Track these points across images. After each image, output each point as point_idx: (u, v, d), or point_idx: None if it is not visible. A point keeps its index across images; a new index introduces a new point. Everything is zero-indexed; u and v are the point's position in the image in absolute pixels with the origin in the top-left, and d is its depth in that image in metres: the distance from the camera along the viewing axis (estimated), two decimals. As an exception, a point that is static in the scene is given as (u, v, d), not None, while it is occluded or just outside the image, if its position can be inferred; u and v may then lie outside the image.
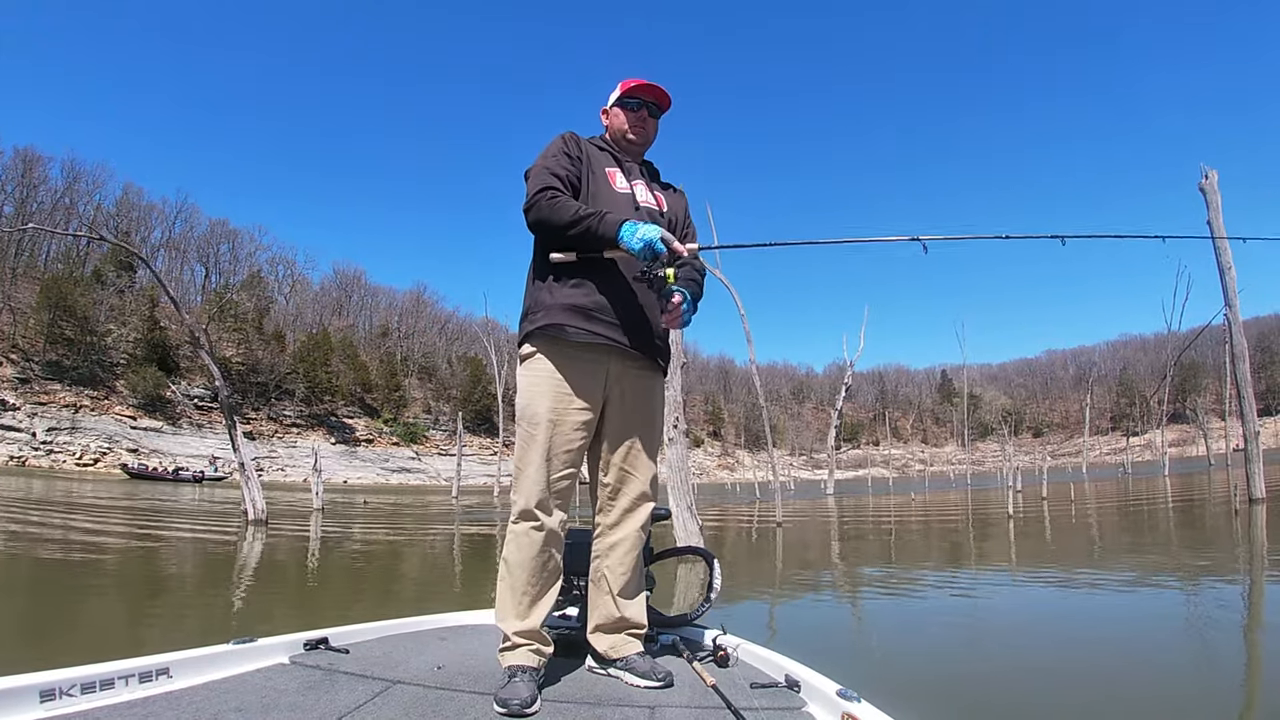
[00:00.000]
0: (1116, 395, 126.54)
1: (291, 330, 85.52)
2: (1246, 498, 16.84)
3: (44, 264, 70.54)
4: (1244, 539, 11.30)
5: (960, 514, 20.66)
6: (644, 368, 2.57)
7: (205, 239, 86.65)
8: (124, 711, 1.82)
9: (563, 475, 2.40)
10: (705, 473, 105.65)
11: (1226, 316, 18.97)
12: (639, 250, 2.24)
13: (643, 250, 2.24)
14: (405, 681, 2.20)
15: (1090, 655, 4.75)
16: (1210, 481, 31.19)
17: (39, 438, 57.05)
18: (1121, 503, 22.54)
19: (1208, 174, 19.03)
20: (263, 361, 76.34)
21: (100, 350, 65.81)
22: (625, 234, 2.26)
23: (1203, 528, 13.30)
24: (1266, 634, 5.42)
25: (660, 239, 2.25)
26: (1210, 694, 4.01)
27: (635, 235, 2.25)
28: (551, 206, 2.37)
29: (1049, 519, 17.05)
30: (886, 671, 4.57)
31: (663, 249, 2.25)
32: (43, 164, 70.96)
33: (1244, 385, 18.45)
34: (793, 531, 16.00)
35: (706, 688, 2.16)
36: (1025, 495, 26.72)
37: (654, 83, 2.65)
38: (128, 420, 64.00)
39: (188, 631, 5.85)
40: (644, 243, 2.23)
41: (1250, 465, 17.95)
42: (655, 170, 2.84)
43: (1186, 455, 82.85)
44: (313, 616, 6.68)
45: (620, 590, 2.50)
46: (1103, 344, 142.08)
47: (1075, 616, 6.34)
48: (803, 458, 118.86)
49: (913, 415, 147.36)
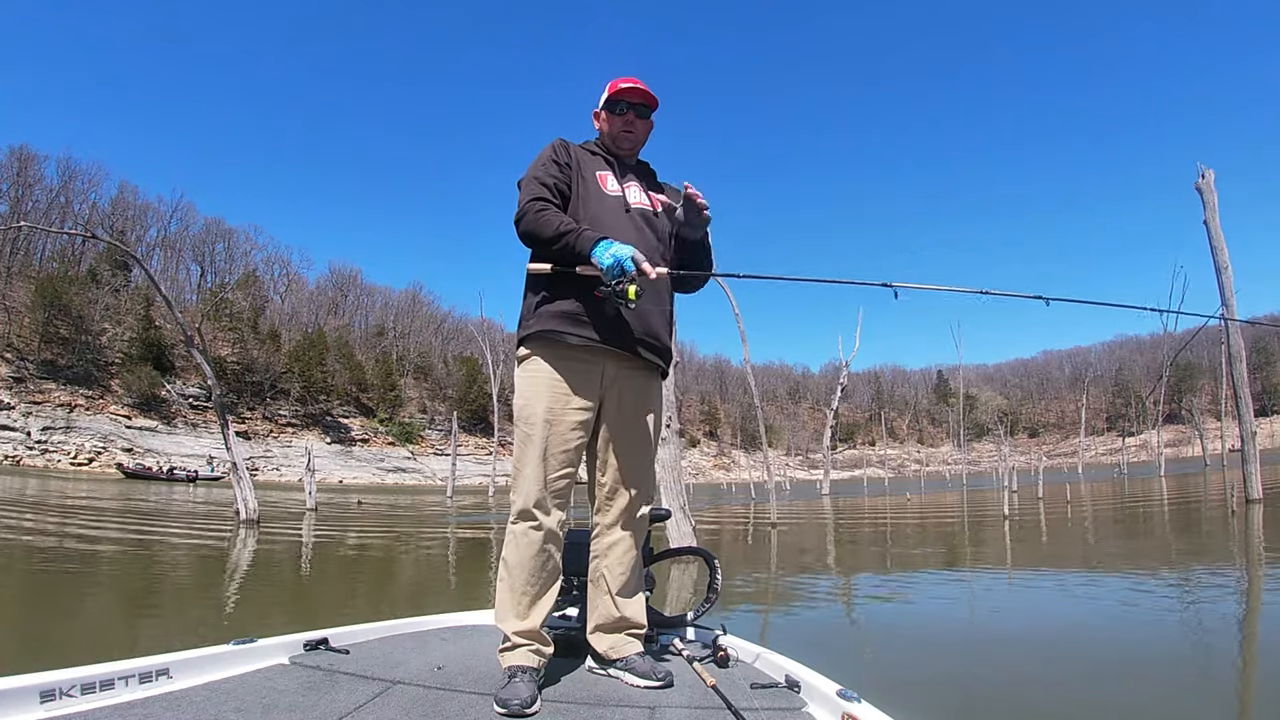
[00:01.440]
0: (1112, 396, 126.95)
1: (287, 329, 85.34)
2: (1244, 498, 16.82)
3: (39, 263, 70.37)
4: (1241, 539, 11.30)
5: (956, 515, 20.68)
6: (640, 369, 2.58)
7: (201, 238, 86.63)
8: (124, 712, 1.81)
9: (560, 475, 2.41)
10: (701, 473, 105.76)
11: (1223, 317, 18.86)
12: (608, 267, 2.24)
13: (611, 268, 2.24)
14: (405, 682, 2.19)
15: (1088, 655, 4.75)
16: (1206, 482, 31.25)
17: (34, 437, 56.91)
18: (1118, 504, 22.57)
19: (1204, 173, 19.01)
20: (258, 361, 76.23)
21: (95, 349, 65.70)
22: (598, 251, 2.28)
23: (1200, 528, 13.31)
24: (1264, 635, 5.44)
25: (630, 258, 2.25)
26: (1208, 692, 4.02)
27: (607, 253, 2.26)
28: (537, 220, 2.40)
29: (1045, 520, 17.05)
30: (884, 672, 4.57)
31: (632, 268, 2.25)
32: (38, 162, 71.06)
33: (1241, 385, 18.46)
34: (788, 533, 15.99)
35: (706, 688, 2.16)
36: (1021, 496, 26.71)
37: (639, 83, 2.65)
38: (123, 420, 63.87)
39: (164, 634, 5.82)
40: (615, 260, 2.24)
41: (1247, 466, 17.94)
42: (651, 171, 2.84)
43: (1182, 456, 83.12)
44: (301, 619, 6.63)
45: (619, 590, 2.51)
46: (1098, 345, 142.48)
47: (1072, 617, 6.34)
48: (799, 458, 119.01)
49: (909, 415, 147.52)
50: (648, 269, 2.29)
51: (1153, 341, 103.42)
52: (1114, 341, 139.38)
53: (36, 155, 70.65)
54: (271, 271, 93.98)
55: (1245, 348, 19.25)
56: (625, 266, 2.24)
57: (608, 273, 2.25)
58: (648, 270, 2.30)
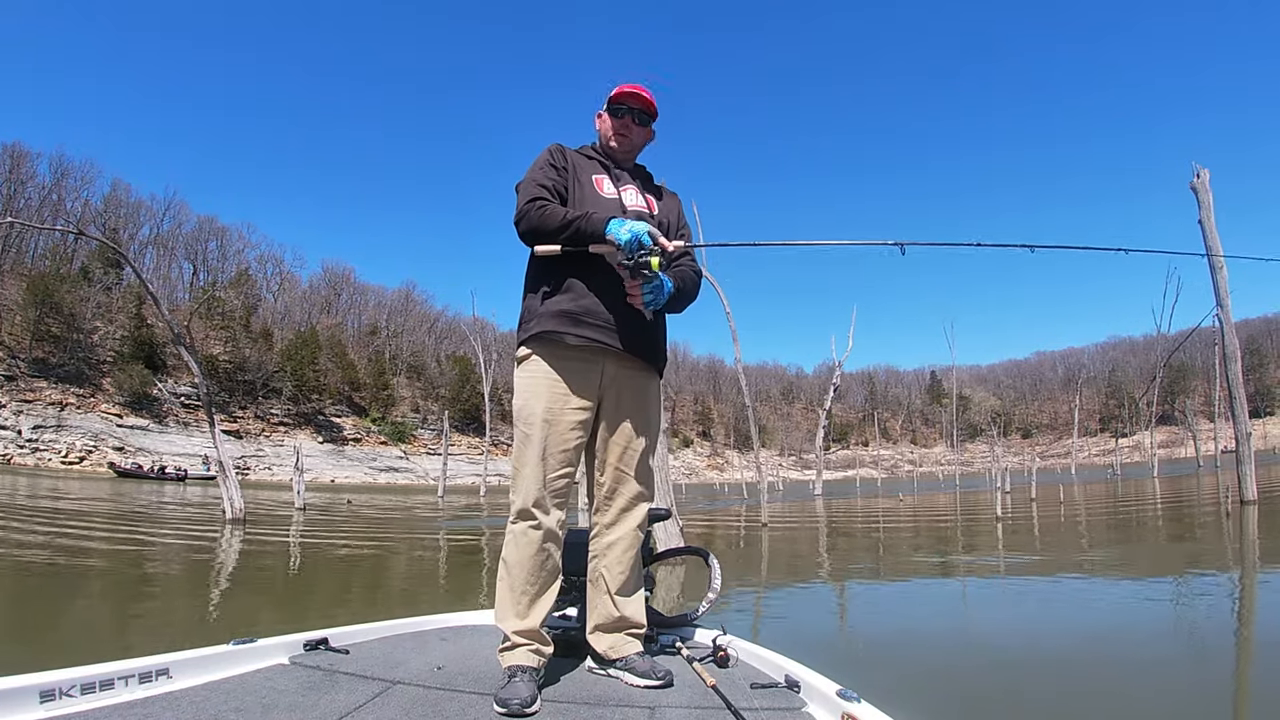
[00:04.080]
0: (1105, 397, 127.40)
1: (279, 328, 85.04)
2: (1238, 499, 16.74)
3: (31, 261, 69.91)
4: (1235, 542, 11.30)
5: (949, 517, 20.69)
6: (638, 369, 2.60)
7: (193, 236, 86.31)
8: (124, 712, 1.81)
9: (560, 475, 2.42)
10: (695, 473, 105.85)
11: (1218, 317, 18.82)
12: (626, 242, 2.30)
13: (630, 242, 2.30)
14: (405, 682, 2.19)
15: (1086, 656, 4.77)
16: (1199, 483, 31.26)
17: (24, 435, 56.58)
18: (1112, 505, 22.52)
19: (1199, 172, 18.96)
20: (250, 360, 75.82)
21: (87, 348, 65.28)
22: (613, 227, 2.33)
23: (1194, 531, 13.32)
24: (1262, 636, 5.46)
25: (648, 233, 2.32)
26: (1204, 690, 4.04)
27: (624, 228, 2.32)
28: (541, 215, 2.43)
29: (1038, 521, 17.03)
30: (882, 672, 4.57)
31: (650, 241, 2.32)
32: (31, 160, 70.53)
33: (1235, 386, 18.30)
34: (779, 535, 15.97)
35: (706, 688, 2.16)
36: (1014, 497, 26.77)
37: (642, 90, 2.68)
38: (114, 418, 63.50)
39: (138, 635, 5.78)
40: (632, 234, 2.30)
41: (1242, 467, 17.79)
42: (648, 174, 2.86)
43: (1175, 457, 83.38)
44: (292, 620, 6.59)
45: (618, 590, 2.52)
46: (1092, 346, 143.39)
47: (1071, 619, 6.36)
48: (792, 458, 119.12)
49: (902, 416, 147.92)
50: (664, 242, 2.37)
51: (1146, 343, 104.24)
52: (1107, 343, 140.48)
53: (29, 152, 70.36)
54: (264, 270, 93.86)
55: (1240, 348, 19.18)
56: (643, 240, 2.30)
57: (626, 247, 2.30)
58: (665, 244, 2.37)
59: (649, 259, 2.32)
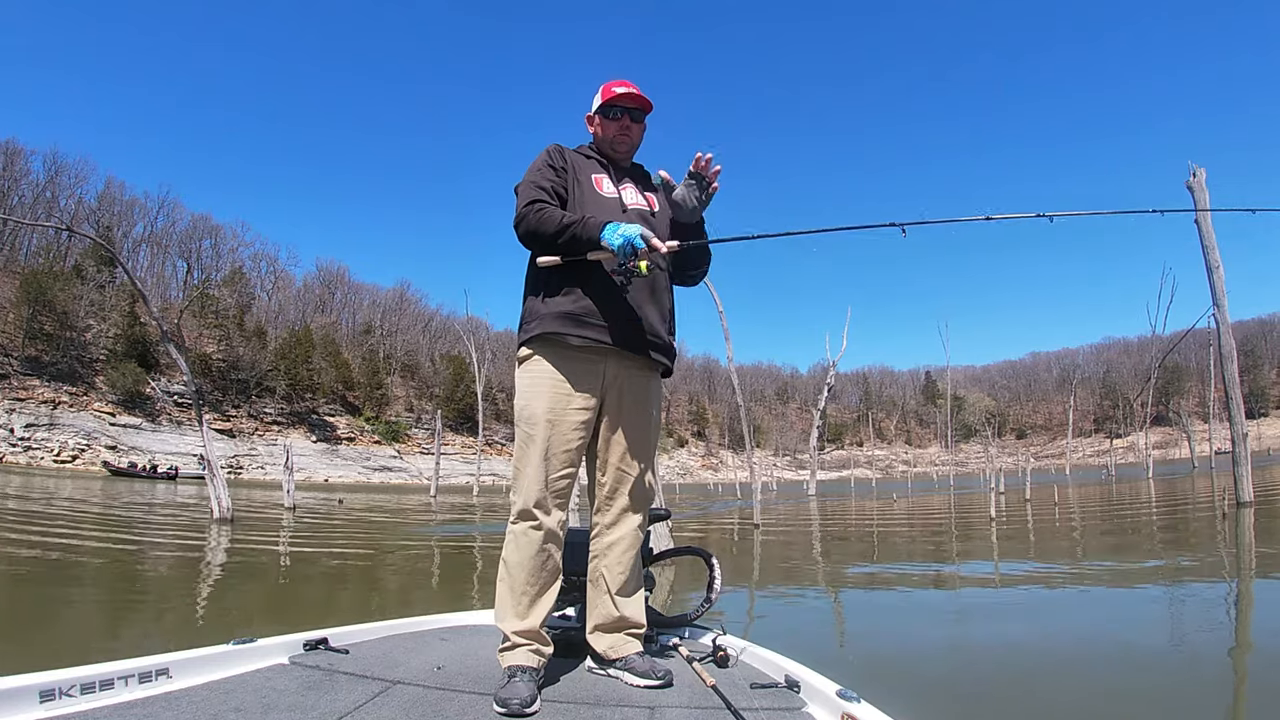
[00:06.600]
0: (1100, 397, 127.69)
1: (273, 327, 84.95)
2: (1234, 501, 16.62)
3: (24, 258, 69.81)
4: (1231, 544, 11.30)
5: (944, 517, 20.70)
6: (641, 368, 2.61)
7: (187, 234, 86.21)
8: (124, 712, 1.81)
9: (561, 475, 2.43)
10: (689, 473, 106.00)
11: (1214, 317, 18.61)
12: (618, 247, 2.30)
13: (622, 247, 2.30)
14: (405, 682, 2.19)
15: (1084, 657, 4.78)
16: (1194, 484, 31.23)
17: (17, 434, 56.39)
18: (1106, 506, 22.46)
19: (1195, 172, 18.85)
20: (243, 358, 75.63)
21: (80, 346, 65.14)
22: (607, 233, 2.34)
23: (1189, 533, 13.31)
24: (1259, 638, 5.47)
25: (640, 235, 2.32)
26: (1205, 693, 4.05)
27: (616, 234, 2.32)
28: (539, 218, 2.44)
29: (1033, 522, 17.03)
30: (880, 672, 4.58)
31: (642, 245, 2.32)
32: (24, 157, 70.48)
33: (1232, 386, 17.98)
34: (772, 536, 15.97)
35: (706, 688, 2.17)
36: (1008, 498, 26.78)
37: (632, 88, 2.68)
38: (106, 417, 63.30)
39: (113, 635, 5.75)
40: (625, 239, 2.30)
41: (1238, 468, 17.63)
42: (645, 172, 2.87)
43: (1169, 458, 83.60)
44: (285, 622, 6.56)
45: (618, 589, 2.52)
46: (1086, 347, 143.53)
47: (1068, 620, 6.38)
48: (786, 458, 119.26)
49: (896, 416, 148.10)
50: (657, 244, 2.36)
51: (1140, 344, 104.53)
52: (1101, 344, 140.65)
53: (23, 150, 70.28)
54: (258, 268, 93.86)
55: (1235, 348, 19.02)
56: (635, 245, 2.31)
57: (619, 252, 2.31)
58: (658, 245, 2.36)
59: (638, 264, 2.36)
